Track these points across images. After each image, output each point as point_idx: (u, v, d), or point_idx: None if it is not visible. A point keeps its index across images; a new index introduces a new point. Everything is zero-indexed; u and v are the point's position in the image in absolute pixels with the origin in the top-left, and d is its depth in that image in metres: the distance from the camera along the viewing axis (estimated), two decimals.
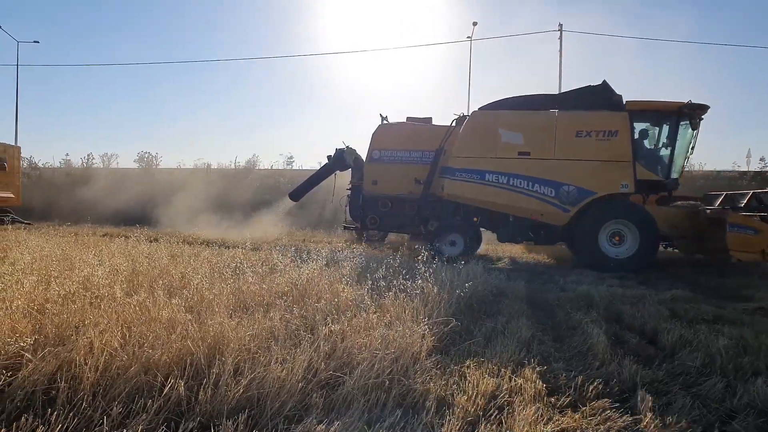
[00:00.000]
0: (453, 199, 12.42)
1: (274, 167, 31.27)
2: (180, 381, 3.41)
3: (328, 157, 15.24)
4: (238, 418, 3.12)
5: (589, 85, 12.01)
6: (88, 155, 34.02)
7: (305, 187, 16.00)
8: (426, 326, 4.68)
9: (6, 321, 4.00)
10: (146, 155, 33.72)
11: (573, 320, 6.14)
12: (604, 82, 11.82)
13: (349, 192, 15.30)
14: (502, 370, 4.21)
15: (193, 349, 3.85)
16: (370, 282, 5.96)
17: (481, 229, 13.37)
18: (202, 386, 3.42)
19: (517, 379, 4.02)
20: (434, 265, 7.11)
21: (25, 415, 3.02)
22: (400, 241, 15.79)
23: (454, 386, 3.87)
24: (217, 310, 4.70)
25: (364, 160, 14.08)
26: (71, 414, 3.03)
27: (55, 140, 66.02)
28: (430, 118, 13.95)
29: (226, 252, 8.41)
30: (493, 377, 4.05)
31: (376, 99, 71.39)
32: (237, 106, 74.66)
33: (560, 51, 29.95)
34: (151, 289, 5.25)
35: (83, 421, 3.07)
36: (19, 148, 23.22)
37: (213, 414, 3.29)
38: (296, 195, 16.28)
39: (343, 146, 14.94)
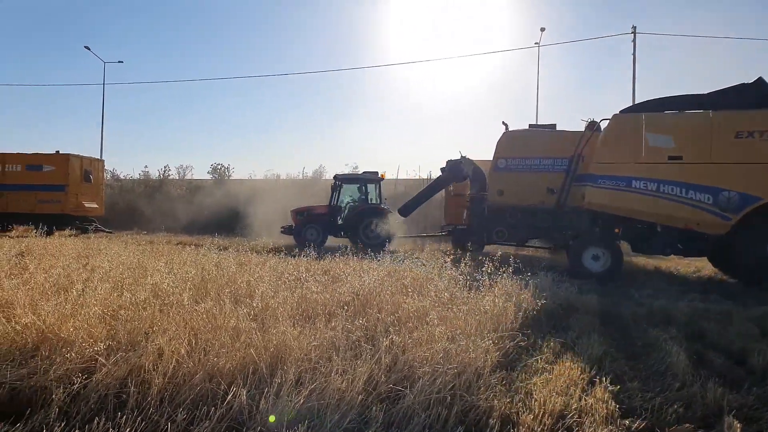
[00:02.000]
0: (595, 208, 11.50)
1: None
2: (242, 389, 3.45)
3: (442, 169, 14.74)
4: (297, 429, 3.10)
5: (743, 83, 11.06)
6: (164, 167, 35.76)
7: (416, 201, 15.47)
8: (490, 340, 4.53)
9: (83, 326, 4.19)
10: (219, 167, 35.09)
11: (649, 337, 5.78)
12: (760, 78, 10.88)
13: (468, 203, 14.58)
14: (572, 388, 3.99)
15: (256, 357, 3.89)
16: (433, 293, 5.86)
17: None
18: (264, 395, 3.43)
19: (587, 398, 3.80)
20: (500, 277, 6.91)
21: (98, 418, 3.12)
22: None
23: (520, 404, 3.70)
24: (280, 318, 4.74)
25: (482, 169, 13.59)
26: (139, 418, 3.12)
27: (136, 153, 70.12)
28: (554, 124, 13.28)
29: (291, 261, 8.54)
30: (562, 396, 3.84)
31: (441, 107, 71.49)
32: (305, 117, 76.72)
33: (634, 54, 28.78)
34: (218, 297, 5.37)
35: (150, 426, 3.15)
36: (103, 161, 24.78)
37: (274, 424, 3.29)
38: (406, 210, 15.78)
39: (459, 156, 14.39)
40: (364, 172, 19.09)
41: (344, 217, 18.40)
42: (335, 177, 18.91)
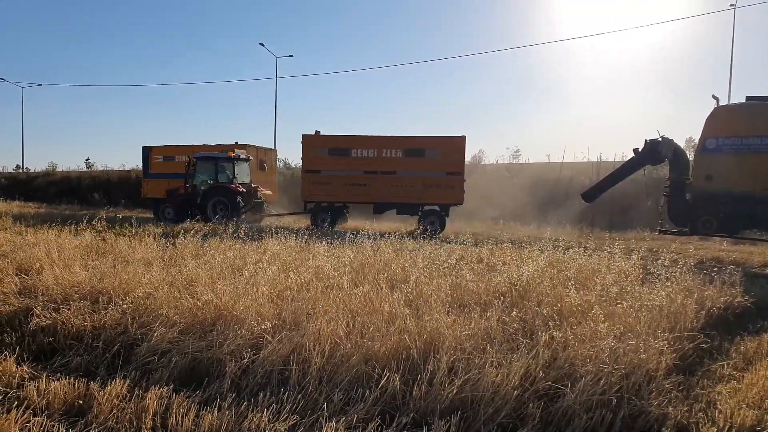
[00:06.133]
0: None
1: (499, 161, 30.91)
2: (395, 375, 3.48)
3: (635, 150, 13.59)
4: (450, 419, 3.06)
5: None
6: None
7: (603, 185, 14.19)
8: (665, 341, 4.06)
9: (253, 305, 4.55)
10: None
11: None
12: None
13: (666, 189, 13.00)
14: (767, 401, 3.43)
15: (409, 343, 3.91)
16: (599, 287, 5.42)
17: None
18: (417, 382, 3.43)
19: None
20: (678, 271, 6.18)
21: (263, 392, 3.36)
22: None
23: (700, 414, 3.29)
24: (433, 305, 4.72)
25: (684, 150, 12.38)
26: (299, 396, 3.29)
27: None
28: None
29: (445, 246, 8.48)
30: (754, 409, 3.34)
31: (611, 85, 66.55)
32: (462, 102, 76.44)
33: None
34: (375, 281, 5.49)
35: (309, 404, 3.30)
36: (276, 151, 26.84)
37: (426, 411, 3.28)
38: (591, 195, 14.48)
39: (657, 136, 12.76)
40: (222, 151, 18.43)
41: (195, 194, 17.75)
42: (191, 156, 18.30)
